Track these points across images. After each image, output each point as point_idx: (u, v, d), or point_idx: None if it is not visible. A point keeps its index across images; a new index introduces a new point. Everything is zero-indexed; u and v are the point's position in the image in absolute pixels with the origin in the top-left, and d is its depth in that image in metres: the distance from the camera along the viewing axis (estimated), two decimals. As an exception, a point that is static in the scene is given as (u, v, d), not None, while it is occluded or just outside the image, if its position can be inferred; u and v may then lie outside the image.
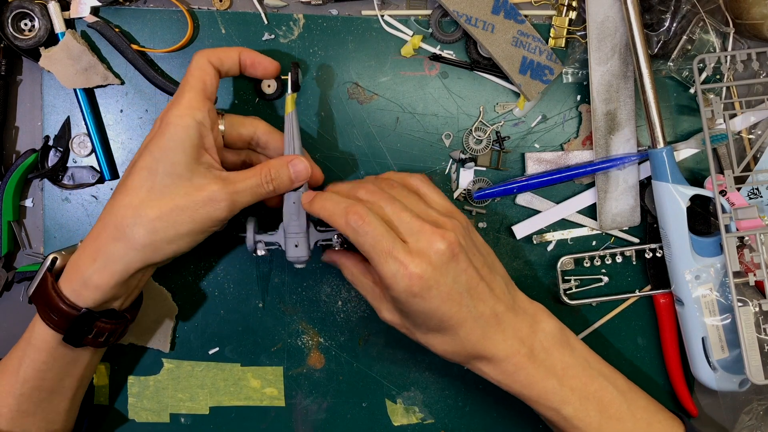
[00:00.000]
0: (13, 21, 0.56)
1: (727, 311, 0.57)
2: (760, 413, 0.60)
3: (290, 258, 0.54)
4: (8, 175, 0.58)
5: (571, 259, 0.61)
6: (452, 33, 0.59)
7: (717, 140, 0.59)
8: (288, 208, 0.53)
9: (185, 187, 0.48)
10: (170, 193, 0.47)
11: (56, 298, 0.49)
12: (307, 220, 0.53)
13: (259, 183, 0.50)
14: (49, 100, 0.59)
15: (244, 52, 0.52)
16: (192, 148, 0.48)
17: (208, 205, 0.48)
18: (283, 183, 0.51)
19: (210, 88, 0.50)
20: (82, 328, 0.50)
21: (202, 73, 0.50)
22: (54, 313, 0.49)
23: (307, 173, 0.51)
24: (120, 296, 0.51)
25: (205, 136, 0.49)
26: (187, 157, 0.48)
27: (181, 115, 0.48)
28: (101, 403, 0.61)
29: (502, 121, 0.61)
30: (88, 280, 0.48)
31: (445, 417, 0.63)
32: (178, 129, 0.47)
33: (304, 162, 0.51)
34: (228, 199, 0.48)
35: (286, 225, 0.53)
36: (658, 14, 0.57)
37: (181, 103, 0.48)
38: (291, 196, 0.53)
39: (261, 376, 0.62)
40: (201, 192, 0.48)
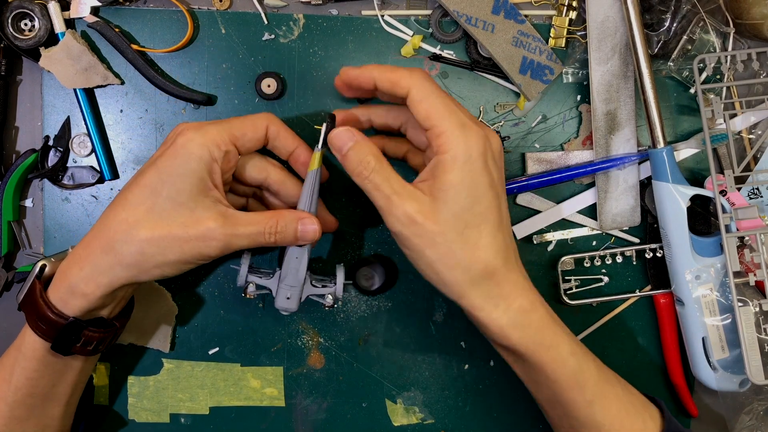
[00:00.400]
0: (13, 21, 0.56)
1: (728, 311, 0.57)
2: (761, 413, 0.60)
3: (278, 306, 0.53)
4: (8, 175, 0.58)
5: (571, 259, 0.61)
6: (452, 33, 0.59)
7: (717, 140, 0.59)
8: (289, 261, 0.52)
9: (184, 217, 0.47)
10: (167, 218, 0.47)
11: (44, 306, 0.48)
12: (305, 275, 0.52)
13: (261, 232, 0.48)
14: (49, 100, 0.59)
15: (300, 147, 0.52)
16: (200, 181, 0.47)
17: (200, 241, 0.47)
18: (287, 238, 0.49)
19: (245, 141, 0.50)
20: (69, 336, 0.49)
21: (251, 127, 0.50)
22: (42, 321, 0.49)
23: (314, 236, 0.50)
24: (107, 304, 0.51)
25: (214, 173, 0.48)
26: (193, 187, 0.47)
27: (200, 145, 0.47)
28: (101, 403, 0.61)
29: (502, 121, 0.61)
30: (75, 288, 0.48)
31: (445, 417, 0.63)
32: (192, 159, 0.46)
33: (315, 224, 0.50)
34: (223, 240, 0.47)
35: (283, 275, 0.52)
36: (658, 14, 0.57)
37: (206, 133, 0.47)
38: (295, 251, 0.51)
39: (261, 376, 0.62)
40: (198, 226, 0.47)
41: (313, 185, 0.50)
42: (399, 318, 0.62)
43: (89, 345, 0.51)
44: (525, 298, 0.48)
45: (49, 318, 0.48)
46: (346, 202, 0.60)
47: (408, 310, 0.62)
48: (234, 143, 0.49)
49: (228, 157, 0.49)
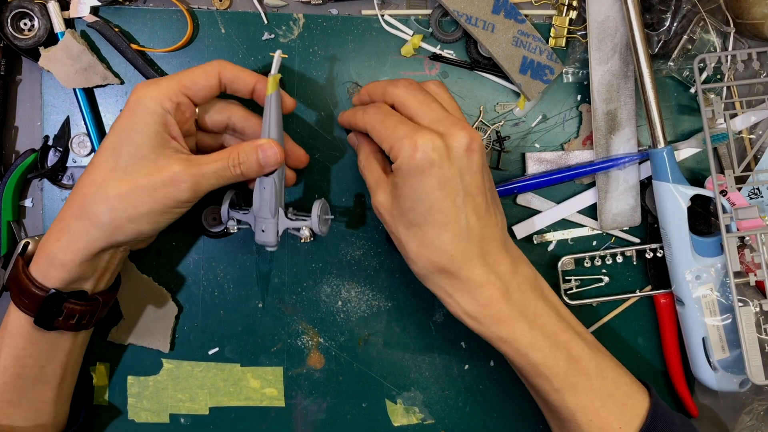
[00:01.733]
0: (12, 21, 0.56)
1: (728, 311, 0.57)
2: (761, 413, 0.60)
3: (258, 242, 0.53)
4: (8, 175, 0.58)
5: (571, 259, 0.61)
6: (452, 33, 0.59)
7: (717, 140, 0.59)
8: (258, 193, 0.52)
9: (148, 168, 0.47)
10: (132, 172, 0.47)
11: (26, 280, 0.49)
12: (278, 208, 0.52)
13: (225, 166, 0.49)
14: (48, 99, 0.59)
15: (260, 80, 0.51)
16: (156, 134, 0.48)
17: (169, 186, 0.47)
18: (251, 168, 0.50)
19: (197, 90, 0.50)
20: (51, 309, 0.49)
21: (201, 75, 0.50)
22: (24, 296, 0.49)
23: (276, 159, 0.50)
24: (88, 276, 0.51)
25: (170, 125, 0.48)
26: (151, 140, 0.47)
27: (151, 98, 0.48)
28: (101, 403, 0.61)
29: (503, 120, 0.61)
30: (54, 259, 0.49)
31: (445, 417, 0.63)
32: (146, 113, 0.47)
33: (274, 147, 0.50)
34: (191, 180, 0.48)
35: (255, 210, 0.52)
36: (659, 14, 0.57)
37: (157, 87, 0.48)
38: (263, 181, 0.51)
39: (261, 376, 0.61)
40: (163, 172, 0.47)
41: (271, 111, 0.50)
42: (399, 318, 0.62)
43: (71, 318, 0.51)
44: (481, 291, 0.48)
45: (30, 291, 0.49)
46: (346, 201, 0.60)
47: (408, 310, 0.62)
48: (185, 94, 0.49)
49: (181, 108, 0.49)
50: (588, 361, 0.50)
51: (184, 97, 0.49)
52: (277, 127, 0.51)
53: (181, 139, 0.49)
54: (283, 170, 0.53)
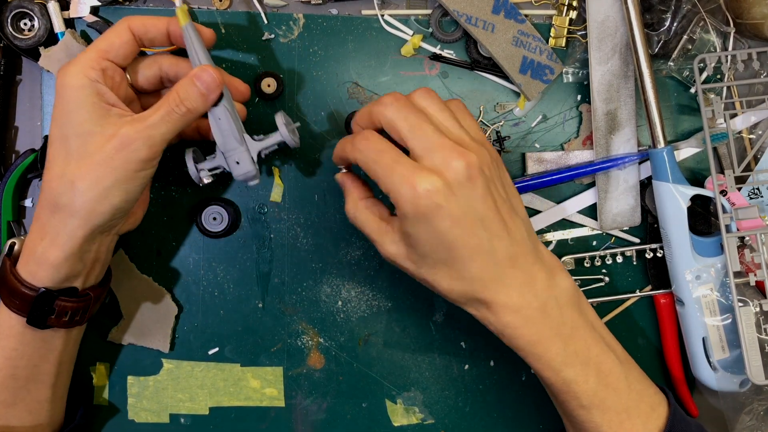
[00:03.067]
0: (12, 21, 0.56)
1: (728, 311, 0.57)
2: (761, 413, 0.60)
3: (238, 177, 0.52)
4: (8, 175, 0.58)
5: (571, 259, 0.61)
6: (452, 33, 0.59)
7: (717, 140, 0.59)
8: (217, 128, 0.51)
9: (97, 141, 0.47)
10: (85, 152, 0.47)
11: (14, 281, 0.49)
12: (242, 134, 0.51)
13: (169, 110, 0.48)
14: (48, 99, 0.59)
15: (172, 22, 0.50)
16: (93, 106, 0.47)
17: (122, 150, 0.47)
18: (195, 100, 0.48)
19: (115, 50, 0.49)
20: (42, 308, 0.49)
21: (113, 35, 0.49)
22: (15, 297, 0.49)
23: (215, 81, 0.48)
24: (78, 272, 0.50)
25: (104, 93, 0.48)
26: (90, 114, 0.47)
27: (75, 75, 0.47)
28: (101, 403, 0.61)
29: (503, 120, 0.61)
30: (41, 258, 0.48)
31: (445, 417, 0.63)
32: (74, 90, 0.47)
33: (208, 70, 0.48)
34: (141, 136, 0.47)
35: (221, 145, 0.51)
36: (659, 14, 0.57)
37: (76, 62, 0.48)
38: (215, 113, 0.50)
39: (261, 376, 0.61)
40: (112, 139, 0.46)
41: (192, 41, 0.49)
42: (399, 318, 0.62)
43: (64, 316, 0.50)
44: (514, 316, 0.47)
45: (20, 291, 0.49)
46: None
47: (408, 310, 0.62)
48: (106, 58, 0.48)
49: (107, 73, 0.48)
50: (618, 374, 0.49)
51: (105, 61, 0.48)
52: (205, 54, 0.49)
53: (120, 104, 0.48)
54: (230, 98, 0.51)
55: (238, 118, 0.51)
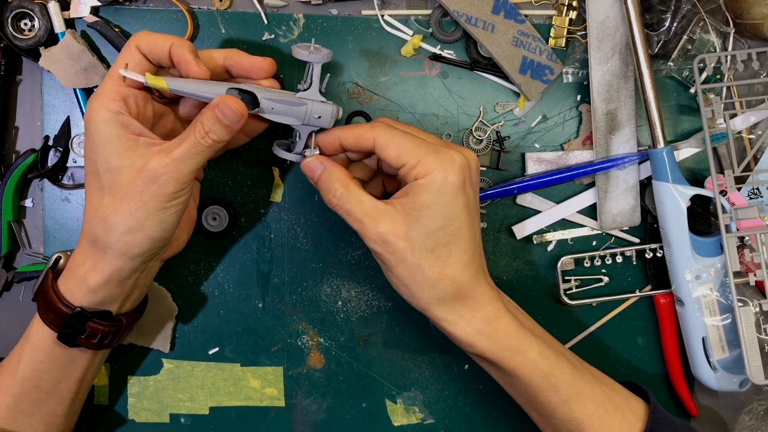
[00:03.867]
0: (13, 21, 0.56)
1: (728, 311, 0.57)
2: (760, 413, 0.60)
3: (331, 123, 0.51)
4: (8, 175, 0.58)
5: (571, 259, 0.61)
6: (452, 33, 0.59)
7: (717, 140, 0.59)
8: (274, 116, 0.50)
9: (128, 175, 0.46)
10: (116, 186, 0.47)
11: (53, 295, 0.49)
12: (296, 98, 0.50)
13: (195, 142, 0.47)
14: (49, 100, 0.59)
15: (175, 43, 0.48)
16: (119, 139, 0.46)
17: (152, 184, 0.46)
18: (220, 131, 0.47)
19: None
20: (75, 327, 0.50)
21: (125, 59, 0.48)
22: (50, 310, 0.49)
23: (234, 110, 0.47)
24: (116, 298, 0.51)
25: (128, 124, 0.47)
26: (117, 148, 0.46)
27: (97, 110, 0.47)
28: (101, 403, 0.61)
29: (502, 121, 0.61)
30: (81, 280, 0.49)
31: (445, 417, 0.63)
32: (99, 126, 0.46)
33: (227, 101, 0.47)
34: (169, 170, 0.46)
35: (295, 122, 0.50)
36: (659, 14, 0.57)
37: (97, 96, 0.47)
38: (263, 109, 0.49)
39: (261, 376, 0.61)
40: (141, 173, 0.46)
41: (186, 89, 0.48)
42: (399, 318, 0.62)
43: (93, 338, 0.51)
44: (490, 307, 0.49)
45: (56, 307, 0.49)
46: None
47: (408, 310, 0.62)
48: (125, 84, 0.48)
49: (129, 101, 0.48)
50: (584, 368, 0.51)
51: (124, 89, 0.48)
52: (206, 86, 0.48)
53: (147, 132, 0.48)
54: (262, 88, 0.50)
55: (282, 92, 0.50)
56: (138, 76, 0.47)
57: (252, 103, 0.49)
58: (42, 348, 0.51)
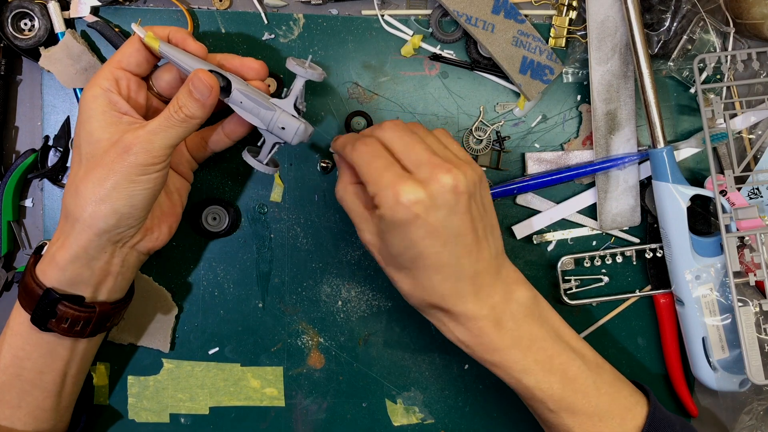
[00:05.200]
0: (12, 21, 0.56)
1: (728, 311, 0.57)
2: (760, 413, 0.60)
3: (294, 140, 0.52)
4: (8, 175, 0.58)
5: (571, 259, 0.61)
6: (452, 33, 0.59)
7: (717, 140, 0.59)
8: (241, 111, 0.51)
9: (103, 147, 0.48)
10: (93, 158, 0.48)
11: (29, 277, 0.50)
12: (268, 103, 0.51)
13: (168, 115, 0.48)
14: (48, 100, 0.59)
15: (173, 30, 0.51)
16: (104, 114, 0.48)
17: (123, 154, 0.47)
18: (192, 105, 0.48)
19: (127, 58, 0.50)
20: (45, 309, 0.50)
21: (125, 45, 0.50)
22: (26, 292, 0.50)
23: (206, 85, 0.48)
24: (85, 280, 0.50)
25: (116, 102, 0.49)
26: (101, 123, 0.48)
27: (90, 87, 0.49)
28: (101, 403, 0.61)
29: (502, 120, 0.61)
30: (52, 258, 0.50)
31: (445, 417, 0.63)
32: (88, 100, 0.48)
33: (199, 75, 0.48)
34: (140, 141, 0.47)
35: (259, 124, 0.51)
36: (659, 14, 0.57)
37: (95, 77, 0.49)
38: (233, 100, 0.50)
39: (261, 376, 0.61)
40: (116, 144, 0.47)
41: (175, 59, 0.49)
42: (399, 318, 0.62)
43: (64, 322, 0.50)
44: (473, 325, 0.49)
45: (30, 288, 0.50)
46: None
47: (408, 310, 0.62)
48: (119, 68, 0.49)
49: (121, 82, 0.49)
50: (584, 380, 0.50)
51: (118, 71, 0.49)
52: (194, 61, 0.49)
53: (133, 112, 0.49)
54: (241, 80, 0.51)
55: (258, 92, 0.51)
56: (141, 31, 0.49)
57: (227, 91, 0.50)
58: (20, 333, 0.51)
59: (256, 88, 0.52)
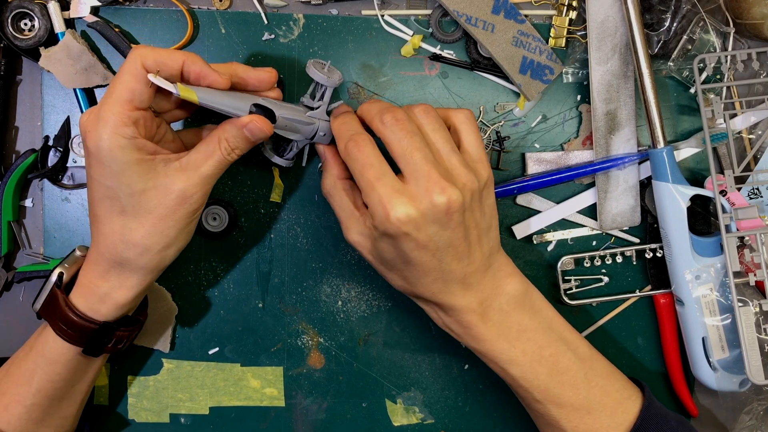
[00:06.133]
0: (12, 21, 0.56)
1: (728, 311, 0.57)
2: (760, 413, 0.60)
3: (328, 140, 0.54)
4: (8, 175, 0.58)
5: (571, 259, 0.61)
6: (452, 33, 0.59)
7: (717, 140, 0.59)
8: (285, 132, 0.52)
9: (154, 197, 0.47)
10: (143, 208, 0.47)
11: (71, 315, 0.49)
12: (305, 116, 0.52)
13: (221, 159, 0.48)
14: (48, 100, 0.59)
15: (188, 60, 0.46)
16: (139, 163, 0.46)
17: (183, 204, 0.47)
18: (245, 147, 0.49)
19: (139, 98, 0.45)
20: (102, 339, 0.51)
21: (132, 80, 0.45)
22: (70, 328, 0.50)
23: (262, 128, 0.48)
24: (136, 304, 0.53)
25: (144, 146, 0.46)
26: (138, 173, 0.46)
27: (110, 138, 0.44)
28: (101, 403, 0.61)
29: (502, 121, 0.61)
30: (105, 298, 0.49)
31: (445, 417, 0.63)
32: (115, 154, 0.45)
33: (255, 120, 0.48)
34: (199, 189, 0.48)
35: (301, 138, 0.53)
36: (659, 14, 0.57)
37: (106, 123, 0.45)
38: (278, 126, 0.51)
39: (261, 376, 0.62)
40: (171, 195, 0.47)
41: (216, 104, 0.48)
42: (399, 318, 0.62)
43: (120, 343, 0.53)
44: (461, 317, 0.50)
45: (79, 325, 0.49)
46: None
47: (408, 310, 0.62)
48: (133, 108, 0.45)
49: (139, 123, 0.46)
50: (575, 372, 0.50)
51: (134, 112, 0.45)
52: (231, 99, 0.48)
53: (160, 149, 0.48)
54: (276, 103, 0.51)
55: (294, 110, 0.52)
56: (169, 85, 0.45)
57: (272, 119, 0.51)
58: (61, 362, 0.51)
59: (291, 107, 0.52)
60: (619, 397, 0.51)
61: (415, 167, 0.46)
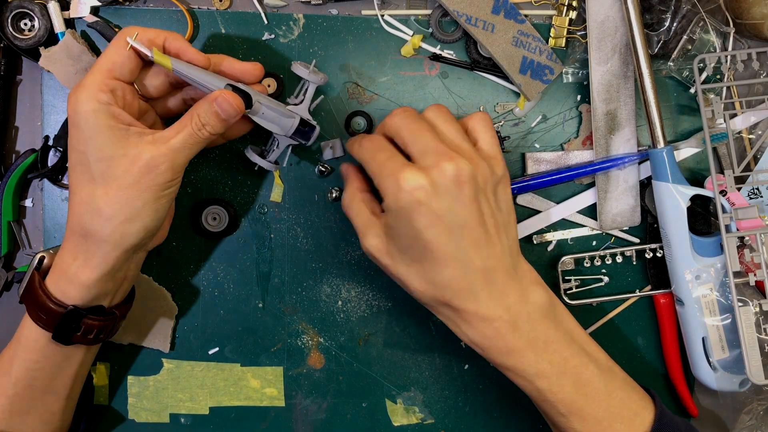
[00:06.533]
0: (12, 21, 0.56)
1: (728, 311, 0.57)
2: (760, 413, 0.60)
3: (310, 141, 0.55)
4: (8, 175, 0.58)
5: (571, 259, 0.61)
6: (452, 33, 0.59)
7: (717, 140, 0.59)
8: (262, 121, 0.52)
9: (122, 164, 0.47)
10: (110, 176, 0.47)
11: (43, 296, 0.49)
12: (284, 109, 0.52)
13: (191, 133, 0.48)
14: (48, 100, 0.59)
15: (170, 36, 0.49)
16: (111, 129, 0.47)
17: (148, 173, 0.47)
18: (216, 125, 0.49)
19: (119, 68, 0.48)
20: (70, 325, 0.49)
21: (115, 53, 0.48)
22: (42, 311, 0.49)
23: (233, 106, 0.49)
24: (108, 292, 0.51)
25: (118, 114, 0.47)
26: (110, 138, 0.47)
27: (86, 101, 0.46)
28: (101, 403, 0.61)
29: (502, 121, 0.61)
30: (73, 278, 0.49)
31: (445, 417, 0.63)
32: (89, 116, 0.46)
33: (227, 98, 0.48)
34: (166, 161, 0.47)
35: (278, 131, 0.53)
36: (659, 14, 0.57)
37: (85, 87, 0.47)
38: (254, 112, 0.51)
39: (261, 376, 0.62)
40: (137, 162, 0.47)
41: (190, 73, 0.49)
42: (399, 318, 0.62)
43: (90, 333, 0.51)
44: (487, 326, 0.48)
45: (48, 308, 0.49)
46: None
47: (408, 310, 0.62)
48: (113, 77, 0.48)
49: (117, 93, 0.48)
50: (597, 383, 0.50)
51: (113, 81, 0.48)
52: (206, 76, 0.49)
53: (136, 122, 0.49)
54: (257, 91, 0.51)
55: (271, 100, 0.52)
56: (145, 49, 0.47)
57: (248, 105, 0.51)
58: (36, 349, 0.50)
59: (271, 99, 0.52)
60: (636, 408, 0.51)
61: (424, 144, 0.47)
